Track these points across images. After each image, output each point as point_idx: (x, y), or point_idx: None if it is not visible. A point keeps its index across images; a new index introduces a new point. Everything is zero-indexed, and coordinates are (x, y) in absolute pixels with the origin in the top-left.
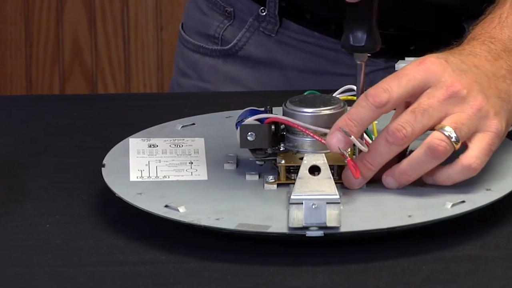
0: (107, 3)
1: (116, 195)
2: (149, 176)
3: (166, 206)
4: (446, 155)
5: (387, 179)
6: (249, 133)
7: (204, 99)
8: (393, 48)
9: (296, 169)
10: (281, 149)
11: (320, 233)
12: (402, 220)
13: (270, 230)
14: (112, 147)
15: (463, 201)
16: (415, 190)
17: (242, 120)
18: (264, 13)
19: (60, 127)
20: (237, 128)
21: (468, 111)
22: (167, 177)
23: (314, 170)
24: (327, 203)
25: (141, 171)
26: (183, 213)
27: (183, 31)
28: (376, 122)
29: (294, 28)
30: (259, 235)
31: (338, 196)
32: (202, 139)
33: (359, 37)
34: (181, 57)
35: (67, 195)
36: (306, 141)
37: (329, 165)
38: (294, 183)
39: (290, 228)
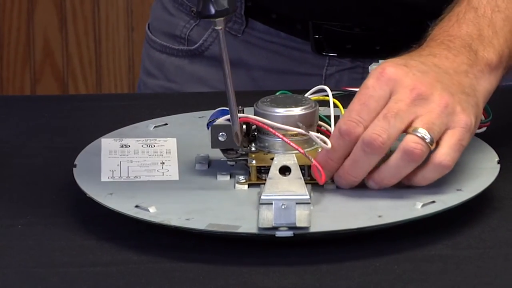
0: (78, 3)
1: (87, 195)
2: (120, 176)
3: (136, 206)
4: (423, 157)
5: (370, 182)
6: (220, 133)
7: (176, 100)
8: (359, 48)
9: (267, 169)
10: (252, 149)
11: (289, 233)
12: (372, 220)
13: (240, 230)
14: (84, 147)
15: (434, 201)
16: (385, 191)
17: (213, 120)
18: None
19: (31, 128)
20: (208, 128)
21: (436, 110)
22: (139, 177)
23: (285, 170)
24: (297, 203)
25: (113, 171)
26: (154, 213)
27: (149, 31)
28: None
29: (260, 28)
30: (230, 236)
31: (308, 197)
32: (174, 139)
33: (221, 1)
34: (148, 58)
35: (38, 196)
36: (277, 141)
37: (300, 166)
38: (265, 184)
39: (260, 229)
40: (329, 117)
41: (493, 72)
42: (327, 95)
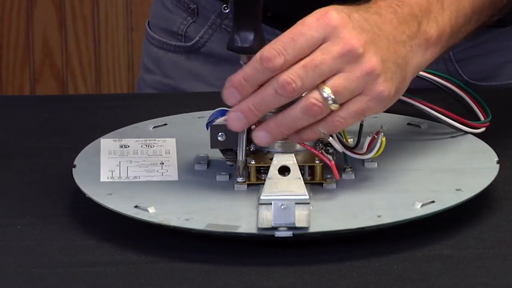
0: (77, 3)
1: (87, 195)
2: (119, 177)
3: (136, 206)
4: (320, 116)
5: (259, 133)
6: (220, 134)
7: (175, 100)
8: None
9: (267, 170)
10: (251, 150)
11: (289, 233)
12: (371, 220)
13: (239, 230)
14: (83, 148)
15: (433, 201)
16: (384, 191)
17: (212, 121)
18: (227, 11)
19: (31, 128)
20: (207, 128)
21: (357, 73)
22: (138, 177)
23: (284, 170)
24: (296, 203)
25: (112, 171)
26: (153, 213)
27: (149, 28)
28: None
29: None
30: (229, 236)
31: (307, 197)
32: (174, 139)
33: (247, 37)
34: (146, 53)
35: (38, 196)
36: (276, 141)
37: (299, 166)
38: (264, 184)
39: (259, 229)
40: None
41: (430, 48)
42: None
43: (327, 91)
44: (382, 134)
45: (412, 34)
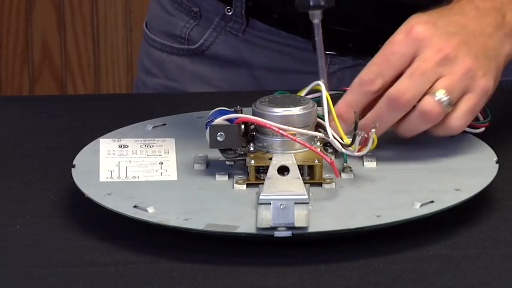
0: (76, 4)
1: (86, 195)
2: (119, 177)
3: (135, 206)
4: (438, 119)
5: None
6: (219, 133)
7: (175, 100)
8: (361, 46)
9: (266, 169)
10: (251, 149)
11: (288, 233)
12: (371, 220)
13: (238, 230)
14: (82, 148)
15: (432, 201)
16: (383, 190)
17: (212, 120)
18: (231, 13)
19: (30, 128)
20: (207, 128)
21: (457, 73)
22: (137, 177)
23: (283, 170)
24: (296, 203)
25: (111, 171)
26: (152, 213)
27: (147, 30)
28: None
29: (261, 27)
30: (229, 236)
31: (306, 196)
32: (173, 139)
33: None
34: (146, 56)
35: (37, 196)
36: (275, 141)
37: (298, 165)
38: (263, 183)
39: (258, 229)
40: None
41: None
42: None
43: (439, 94)
44: (374, 130)
45: (497, 25)
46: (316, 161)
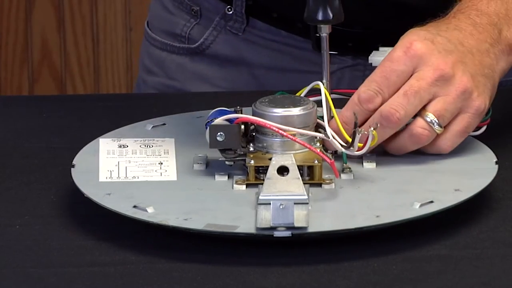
0: (76, 3)
1: (85, 195)
2: (118, 177)
3: (134, 206)
4: (428, 142)
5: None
6: (219, 133)
7: (174, 100)
8: (360, 46)
9: (265, 170)
10: (250, 150)
11: (287, 233)
12: (370, 220)
13: (237, 230)
14: (82, 148)
15: (432, 201)
16: (383, 191)
17: (211, 120)
18: (231, 12)
19: (29, 128)
20: (206, 128)
21: (452, 94)
22: (137, 177)
23: (283, 170)
24: (295, 203)
25: (111, 171)
26: (152, 213)
27: (148, 29)
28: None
29: (261, 26)
30: (228, 236)
31: (306, 197)
32: (173, 139)
33: (325, 9)
34: (147, 55)
35: (36, 196)
36: (275, 142)
37: (298, 166)
38: (263, 184)
39: (258, 229)
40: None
41: None
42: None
43: (430, 117)
44: (372, 129)
45: (494, 41)
46: (316, 162)
